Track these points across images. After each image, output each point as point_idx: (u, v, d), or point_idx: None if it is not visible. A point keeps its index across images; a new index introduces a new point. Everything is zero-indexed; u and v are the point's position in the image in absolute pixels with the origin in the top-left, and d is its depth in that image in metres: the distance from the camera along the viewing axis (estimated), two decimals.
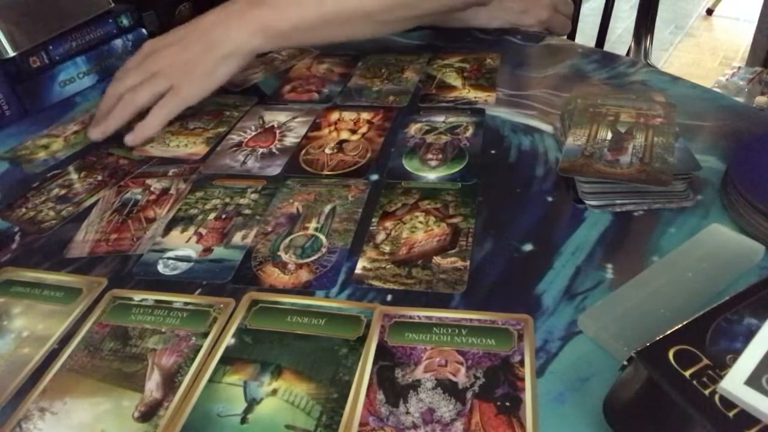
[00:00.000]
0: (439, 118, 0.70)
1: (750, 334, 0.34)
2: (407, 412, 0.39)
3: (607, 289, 0.47)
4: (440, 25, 0.93)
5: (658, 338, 0.35)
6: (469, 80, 0.78)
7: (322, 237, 0.54)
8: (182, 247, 0.55)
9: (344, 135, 0.69)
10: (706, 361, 0.33)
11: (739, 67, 2.41)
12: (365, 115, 0.73)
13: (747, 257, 0.48)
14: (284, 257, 0.52)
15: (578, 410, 0.39)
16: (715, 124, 0.65)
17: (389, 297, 0.48)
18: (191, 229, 0.57)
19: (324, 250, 0.53)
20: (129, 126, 0.70)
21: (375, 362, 0.42)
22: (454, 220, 0.55)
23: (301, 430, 0.39)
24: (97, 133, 0.70)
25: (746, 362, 0.32)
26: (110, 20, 0.86)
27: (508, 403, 0.39)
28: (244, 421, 0.39)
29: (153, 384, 0.42)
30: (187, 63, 0.69)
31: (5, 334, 0.47)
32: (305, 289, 0.49)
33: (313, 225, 0.56)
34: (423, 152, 0.65)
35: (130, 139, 0.69)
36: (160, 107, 0.69)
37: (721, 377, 0.32)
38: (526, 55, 0.85)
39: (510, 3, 0.92)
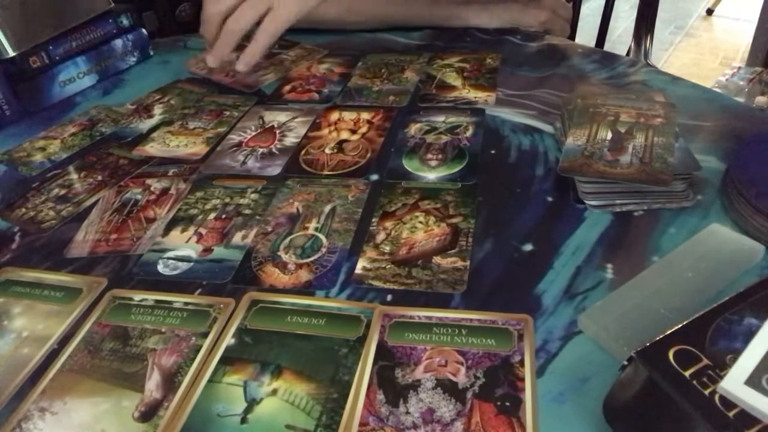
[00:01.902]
0: (439, 118, 0.70)
1: (750, 334, 0.34)
2: (407, 412, 0.39)
3: (607, 289, 0.47)
4: (441, 24, 0.93)
5: (658, 338, 0.35)
6: (469, 80, 0.78)
7: (322, 237, 0.54)
8: (182, 247, 0.55)
9: (344, 135, 0.69)
10: (706, 361, 0.33)
11: (739, 67, 2.41)
12: (365, 115, 0.73)
13: (747, 257, 0.48)
14: (284, 257, 0.52)
15: (578, 410, 0.39)
16: (715, 124, 0.65)
17: (389, 297, 0.48)
18: (191, 229, 0.57)
19: (324, 250, 0.53)
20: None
21: (375, 362, 0.42)
22: (454, 220, 0.55)
23: (301, 430, 0.39)
24: (213, 62, 0.75)
25: (746, 362, 0.32)
26: (110, 20, 0.86)
27: (508, 403, 0.39)
28: (244, 421, 0.39)
29: (153, 384, 0.42)
30: None
31: (5, 334, 0.47)
32: (305, 289, 0.49)
33: (313, 225, 0.56)
34: (423, 152, 0.65)
35: (241, 66, 0.74)
36: (262, 32, 0.73)
37: (721, 377, 0.32)
38: (526, 55, 0.85)
39: (510, 3, 0.93)
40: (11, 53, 0.76)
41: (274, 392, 0.41)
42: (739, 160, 0.54)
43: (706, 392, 0.32)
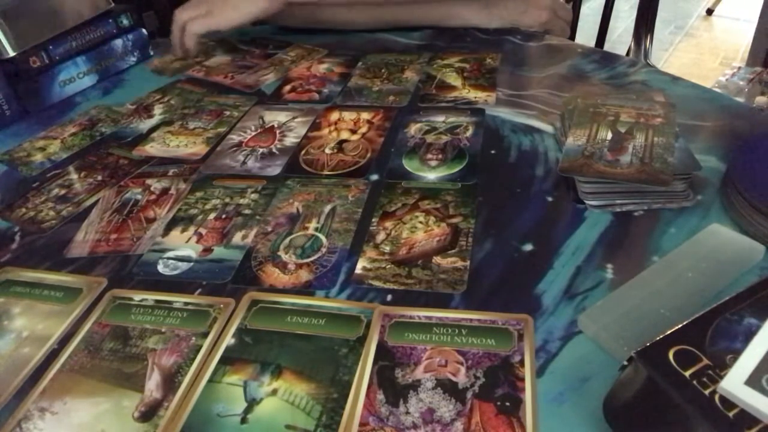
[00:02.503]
0: (439, 118, 0.70)
1: (750, 334, 0.34)
2: (407, 412, 0.39)
3: (607, 289, 0.47)
4: (440, 24, 0.93)
5: (658, 338, 0.35)
6: (469, 80, 0.78)
7: (322, 237, 0.54)
8: (182, 247, 0.55)
9: (344, 135, 0.69)
10: (706, 361, 0.33)
11: (739, 67, 2.41)
12: (365, 115, 0.73)
13: (747, 257, 0.48)
14: (284, 257, 0.52)
15: (578, 410, 0.39)
16: (715, 124, 0.65)
17: (389, 297, 0.48)
18: (191, 229, 0.57)
19: (324, 250, 0.53)
20: None
21: (375, 362, 0.42)
22: (454, 220, 0.55)
23: (301, 430, 0.39)
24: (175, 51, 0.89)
25: (746, 362, 0.32)
26: (110, 20, 0.86)
27: (508, 403, 0.39)
28: (244, 421, 0.39)
29: (153, 384, 0.42)
30: None
31: (5, 334, 0.47)
32: (305, 289, 0.49)
33: (313, 225, 0.56)
34: (423, 152, 0.65)
35: (177, 52, 0.88)
36: (192, 23, 0.85)
37: (721, 377, 0.32)
38: (526, 55, 0.85)
39: (510, 3, 0.93)
40: (11, 53, 0.76)
41: (274, 392, 0.41)
42: (738, 160, 0.54)
43: (706, 392, 0.32)
